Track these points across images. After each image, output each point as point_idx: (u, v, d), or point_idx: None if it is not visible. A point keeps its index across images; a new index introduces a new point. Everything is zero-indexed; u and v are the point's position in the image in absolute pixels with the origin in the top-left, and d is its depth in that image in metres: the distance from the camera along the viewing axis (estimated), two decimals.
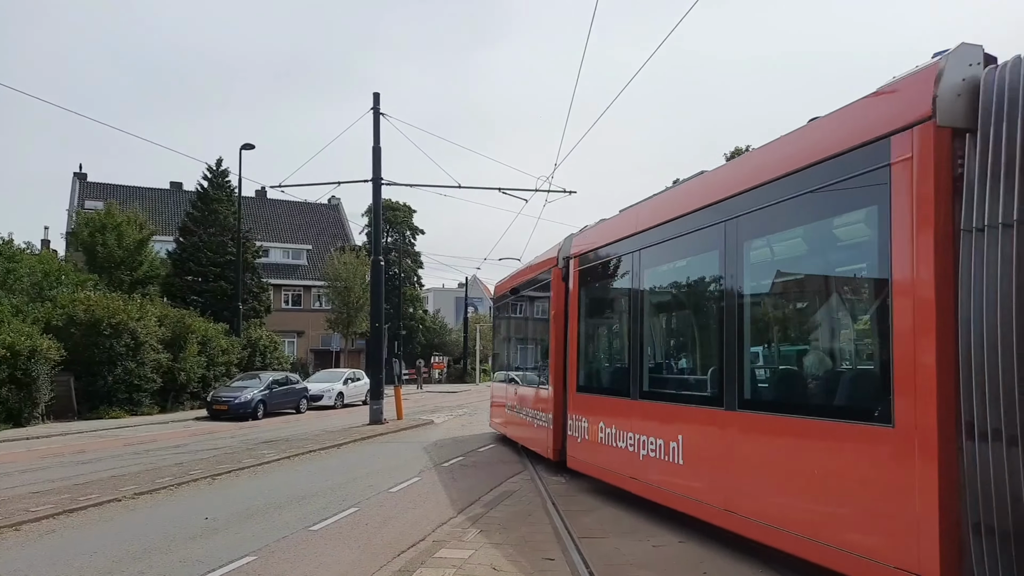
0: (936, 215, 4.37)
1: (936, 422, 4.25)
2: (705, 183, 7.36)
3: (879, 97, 5.04)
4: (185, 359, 25.19)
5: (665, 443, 7.39)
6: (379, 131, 20.85)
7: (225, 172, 35.98)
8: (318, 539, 7.27)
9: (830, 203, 5.41)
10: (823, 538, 5.05)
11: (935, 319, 4.34)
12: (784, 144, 6.02)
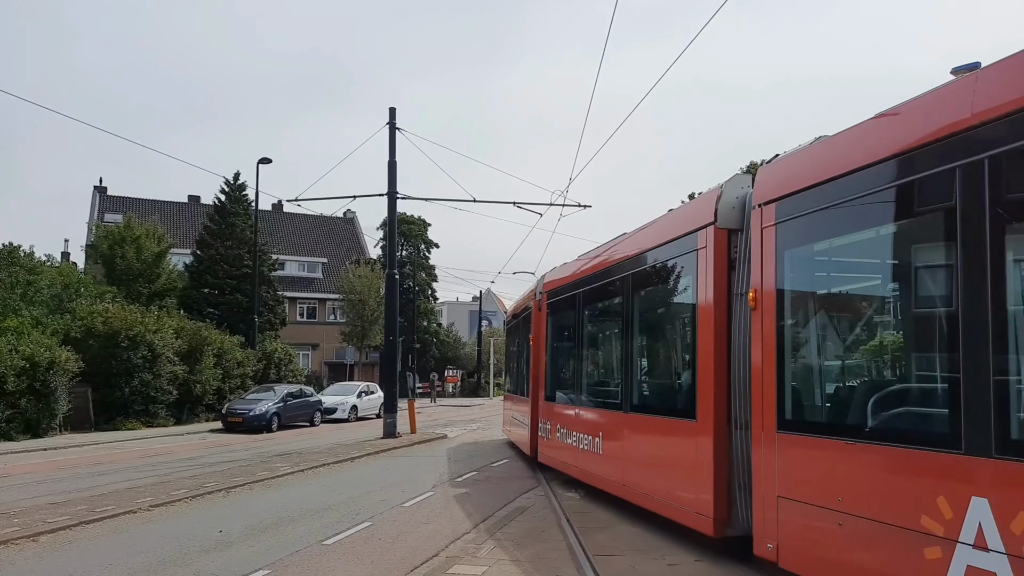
0: (717, 284, 6.89)
1: (716, 418, 6.75)
2: (611, 251, 10.30)
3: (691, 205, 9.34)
4: (201, 371, 25.38)
5: (592, 438, 10.10)
6: (395, 145, 21.01)
7: (243, 186, 36.38)
8: (331, 554, 7.26)
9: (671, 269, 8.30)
10: (666, 497, 7.72)
11: (714, 351, 6.86)
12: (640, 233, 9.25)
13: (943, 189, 4.36)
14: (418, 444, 19.00)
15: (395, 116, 21.09)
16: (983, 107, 4.04)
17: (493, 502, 10.10)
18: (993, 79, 4.18)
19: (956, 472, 4.08)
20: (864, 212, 5.10)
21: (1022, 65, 4.04)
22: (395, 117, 21.08)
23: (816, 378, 5.82)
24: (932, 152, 4.40)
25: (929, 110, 4.64)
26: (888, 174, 4.78)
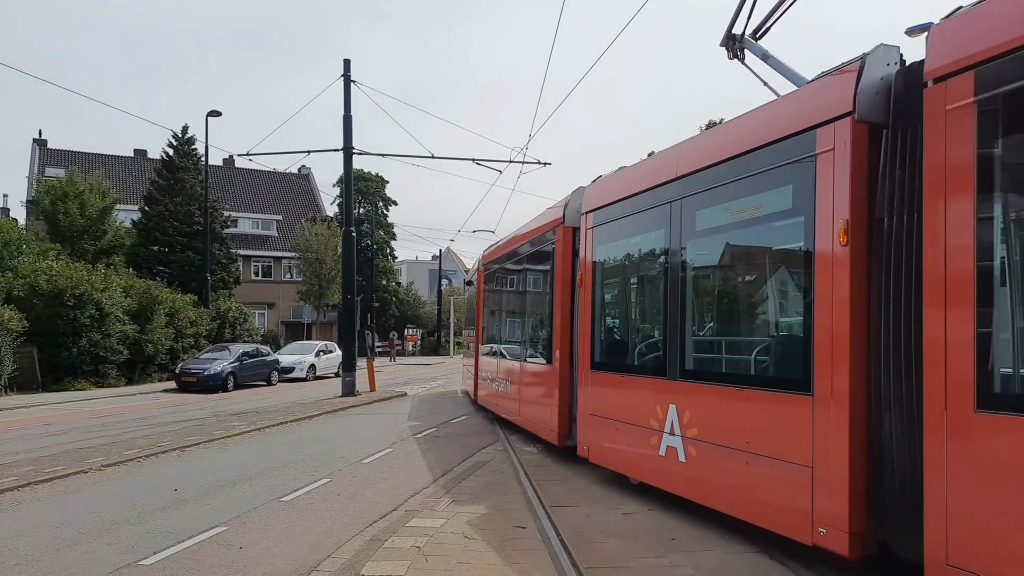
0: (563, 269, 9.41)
1: (569, 360, 9.24)
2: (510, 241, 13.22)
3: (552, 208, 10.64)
4: (152, 330, 24.79)
5: (504, 383, 13.14)
6: (350, 99, 20.46)
7: (191, 140, 35.10)
8: (289, 510, 7.26)
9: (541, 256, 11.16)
10: (537, 422, 10.56)
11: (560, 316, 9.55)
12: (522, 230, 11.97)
13: (662, 217, 6.97)
14: (377, 402, 18.99)
15: (350, 68, 20.49)
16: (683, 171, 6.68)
17: (452, 457, 10.20)
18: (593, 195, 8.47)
19: (663, 389, 6.80)
20: (629, 224, 7.77)
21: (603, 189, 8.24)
22: (350, 69, 20.48)
23: (608, 334, 8.62)
24: (657, 193, 7.13)
25: (658, 164, 7.39)
26: (640, 202, 7.47)
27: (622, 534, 6.11)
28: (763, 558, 5.39)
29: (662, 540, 5.90)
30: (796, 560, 5.23)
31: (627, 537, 6.01)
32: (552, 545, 5.77)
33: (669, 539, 5.92)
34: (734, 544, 5.74)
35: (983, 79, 3.95)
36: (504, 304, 14.56)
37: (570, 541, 5.80)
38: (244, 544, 6.07)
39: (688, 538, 5.94)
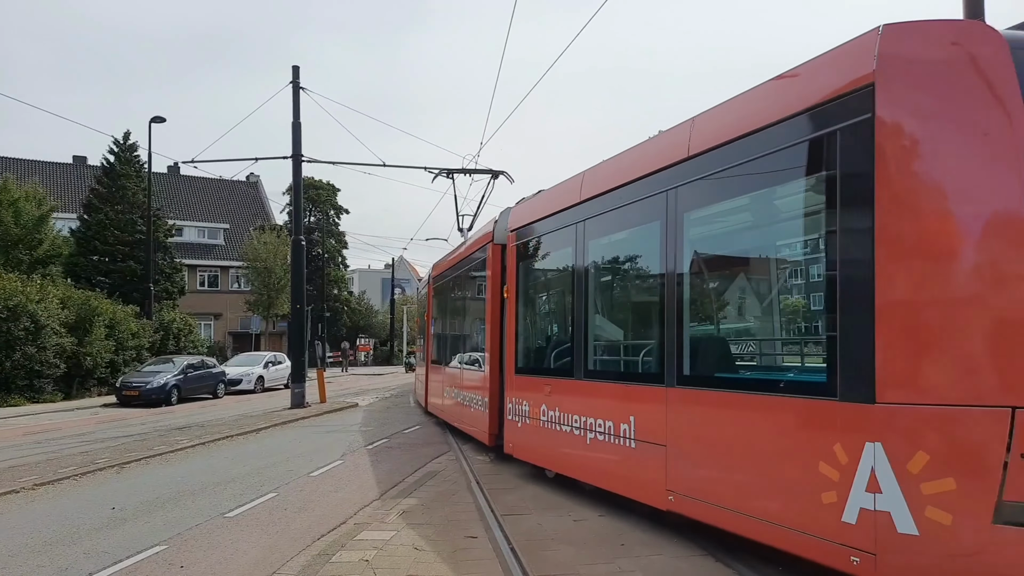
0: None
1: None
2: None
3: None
4: (91, 343, 23.91)
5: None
6: (299, 106, 20.20)
7: (134, 146, 34.06)
8: (233, 526, 7.05)
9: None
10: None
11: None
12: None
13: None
14: (328, 413, 18.68)
15: (299, 75, 20.25)
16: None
17: (404, 468, 10.08)
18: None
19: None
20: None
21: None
22: (299, 76, 20.24)
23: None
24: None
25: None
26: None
27: (573, 541, 6.12)
28: (709, 560, 5.47)
29: (612, 546, 5.93)
30: (740, 562, 5.32)
31: (578, 544, 6.02)
32: (503, 554, 5.75)
33: (619, 544, 5.96)
34: (681, 547, 5.81)
35: (521, 232, 9.29)
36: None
37: (521, 549, 5.79)
38: (185, 563, 5.87)
39: (637, 543, 5.98)
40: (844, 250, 4.48)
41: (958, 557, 3.96)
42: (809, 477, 4.55)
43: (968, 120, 4.18)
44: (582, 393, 7.65)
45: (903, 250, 4.21)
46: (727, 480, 5.38)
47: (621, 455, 6.72)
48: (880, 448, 4.15)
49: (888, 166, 4.25)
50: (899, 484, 4.08)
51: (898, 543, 4.07)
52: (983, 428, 3.90)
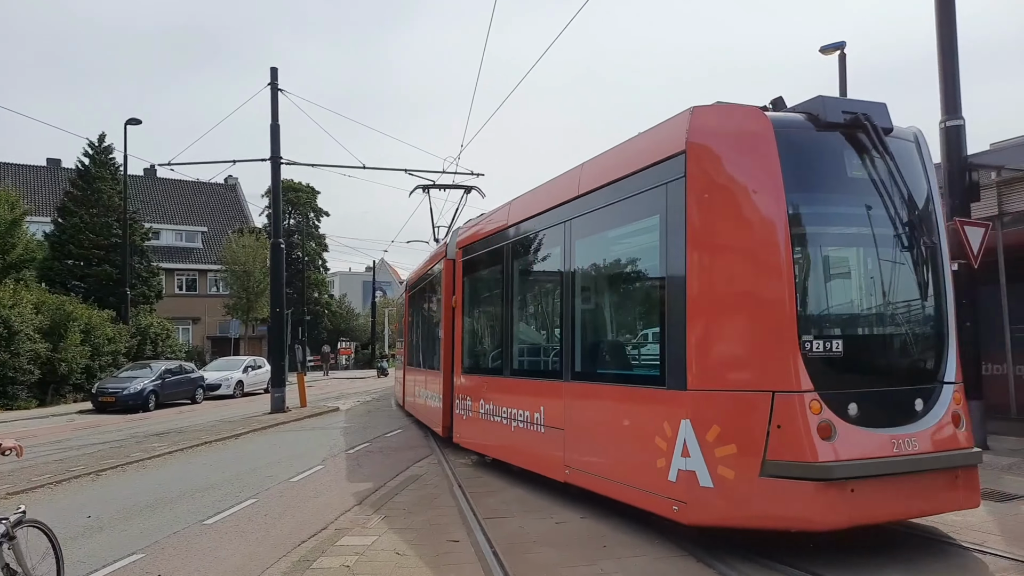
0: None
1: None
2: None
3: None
4: (66, 349, 23.54)
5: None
6: (277, 108, 20.04)
7: (109, 148, 33.61)
8: (212, 533, 6.97)
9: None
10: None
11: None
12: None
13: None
14: (309, 418, 18.54)
15: (277, 76, 20.09)
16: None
17: (385, 472, 10.02)
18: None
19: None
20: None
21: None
22: (277, 77, 20.08)
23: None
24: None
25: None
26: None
27: (555, 543, 6.12)
28: (691, 561, 5.49)
29: (594, 547, 5.94)
30: (721, 562, 5.35)
31: (560, 546, 6.03)
32: (485, 557, 5.73)
33: (601, 546, 5.96)
34: (662, 548, 5.83)
35: (466, 250, 10.86)
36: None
37: (504, 552, 5.78)
38: (163, 571, 5.79)
39: (619, 544, 6.00)
40: (671, 280, 5.90)
41: (738, 501, 5.29)
42: (649, 448, 5.92)
43: (744, 180, 5.55)
44: (508, 389, 9.22)
45: (703, 279, 5.62)
46: (600, 453, 6.88)
47: (535, 439, 8.18)
48: (689, 423, 5.54)
49: (693, 213, 5.65)
50: (701, 450, 5.46)
51: (700, 494, 5.44)
52: (754, 407, 5.24)
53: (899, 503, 5.21)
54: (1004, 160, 10.72)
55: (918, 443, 5.22)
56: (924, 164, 6.07)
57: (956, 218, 9.38)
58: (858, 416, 5.15)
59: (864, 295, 5.91)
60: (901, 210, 5.71)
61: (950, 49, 9.55)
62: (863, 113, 5.71)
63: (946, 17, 9.60)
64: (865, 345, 5.77)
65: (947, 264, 5.98)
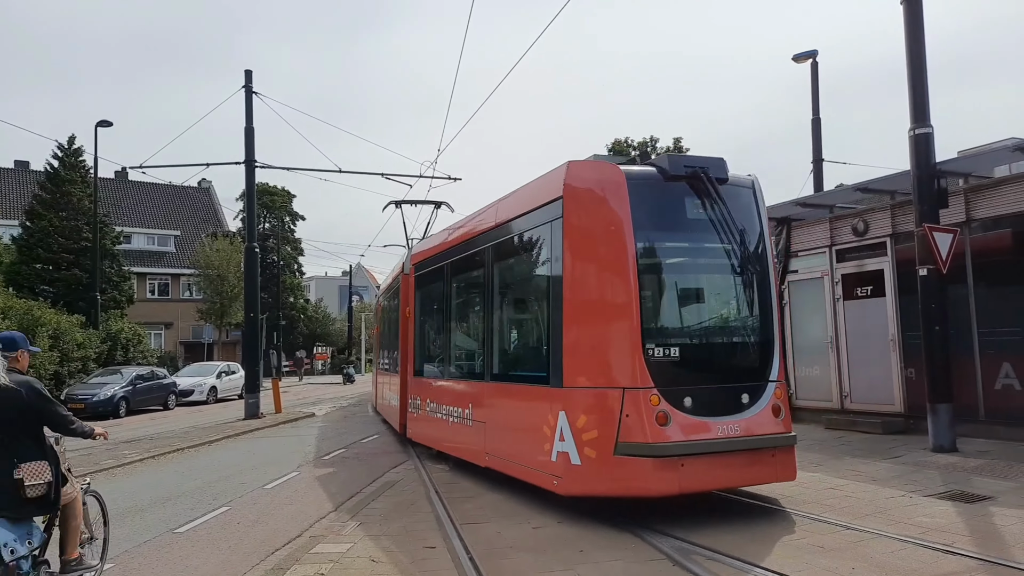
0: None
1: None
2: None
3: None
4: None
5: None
6: (252, 111, 19.85)
7: (79, 151, 32.99)
8: (184, 541, 6.86)
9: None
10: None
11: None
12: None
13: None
14: (283, 424, 18.34)
15: (251, 79, 19.90)
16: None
17: (361, 479, 9.94)
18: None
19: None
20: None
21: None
22: (251, 80, 19.89)
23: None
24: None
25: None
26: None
27: (532, 548, 6.11)
28: (667, 564, 5.51)
29: (571, 552, 5.93)
30: (697, 565, 5.38)
31: (537, 551, 6.01)
32: (462, 564, 5.71)
33: (578, 551, 5.96)
34: (640, 552, 5.85)
35: (417, 266, 12.40)
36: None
37: (480, 558, 5.75)
38: None
39: (595, 548, 6.00)
40: (553, 298, 7.29)
41: (598, 475, 6.64)
42: (540, 435, 7.24)
43: (602, 220, 6.90)
44: (446, 389, 10.64)
45: (573, 299, 7.00)
46: (509, 441, 8.30)
47: (465, 431, 9.51)
48: (564, 414, 6.91)
49: (567, 246, 7.04)
50: (572, 435, 6.82)
51: (572, 470, 6.82)
52: (610, 400, 6.58)
53: (722, 475, 6.65)
54: (971, 167, 10.95)
55: (740, 429, 6.59)
56: (757, 205, 7.45)
57: (925, 224, 9.55)
58: (691, 407, 6.52)
59: (698, 312, 7.35)
60: (733, 243, 7.12)
61: (918, 60, 9.75)
62: (701, 167, 7.10)
63: (914, 29, 9.80)
64: (698, 351, 7.05)
65: (774, 286, 7.36)
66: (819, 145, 17.57)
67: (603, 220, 6.93)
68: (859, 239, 12.21)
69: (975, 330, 10.37)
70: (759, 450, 6.68)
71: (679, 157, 7.52)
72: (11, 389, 4.44)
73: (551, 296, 7.31)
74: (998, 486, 7.45)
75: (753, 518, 6.73)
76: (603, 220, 6.93)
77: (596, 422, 6.65)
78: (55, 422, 4.75)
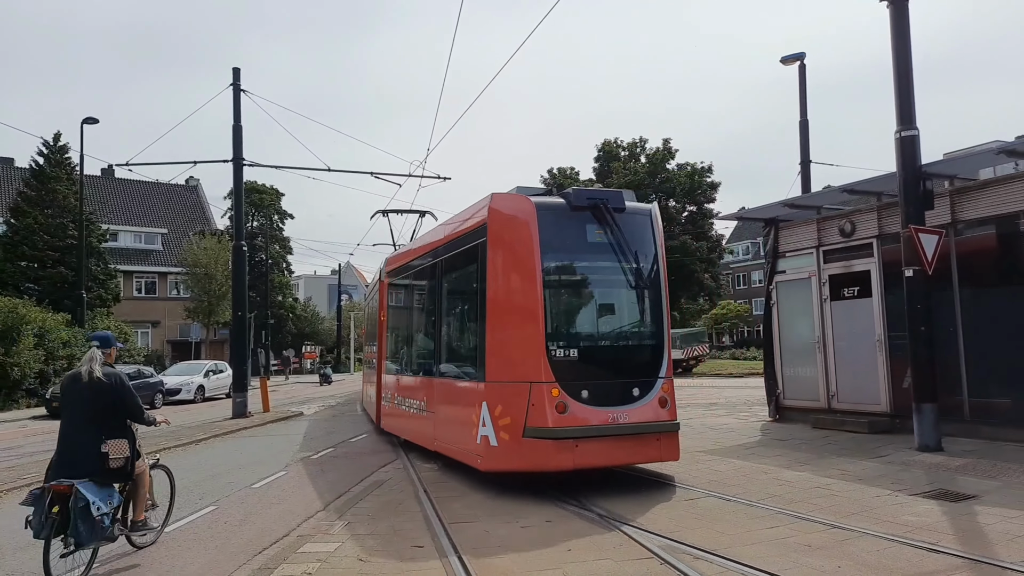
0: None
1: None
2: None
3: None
4: (18, 353, 22.86)
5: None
6: (239, 108, 19.74)
7: (64, 148, 32.76)
8: (170, 541, 6.80)
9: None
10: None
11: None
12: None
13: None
14: (271, 423, 18.25)
15: (239, 77, 19.79)
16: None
17: (350, 478, 9.90)
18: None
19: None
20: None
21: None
22: (239, 78, 19.78)
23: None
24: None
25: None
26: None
27: (520, 547, 6.11)
28: (655, 563, 5.53)
29: (559, 551, 5.94)
30: (687, 565, 5.40)
31: (525, 550, 6.01)
32: (450, 562, 5.70)
33: (566, 550, 5.97)
34: (627, 551, 5.86)
35: (390, 273, 14.13)
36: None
37: (468, 557, 5.75)
38: None
39: (582, 548, 6.01)
40: (480, 306, 8.59)
41: (511, 454, 7.97)
42: (470, 422, 8.59)
43: (516, 243, 8.23)
44: (408, 384, 12.01)
45: (493, 308, 8.34)
46: (449, 427, 9.72)
47: (420, 421, 10.93)
48: (486, 405, 8.26)
49: (489, 264, 8.41)
50: (491, 422, 8.15)
51: (491, 450, 8.18)
52: (520, 392, 7.87)
53: (612, 455, 7.97)
54: (957, 170, 11.05)
55: (629, 417, 7.88)
56: (652, 230, 8.69)
57: (911, 225, 9.63)
58: (588, 398, 7.82)
59: (595, 320, 8.65)
60: (628, 262, 8.42)
61: (904, 62, 9.83)
62: (602, 199, 8.43)
63: (900, 31, 9.88)
64: (594, 352, 8.35)
65: (665, 299, 8.64)
66: (807, 147, 17.66)
67: (516, 242, 8.25)
68: (846, 240, 12.30)
69: (960, 331, 10.47)
70: (646, 434, 8.01)
71: (584, 190, 8.76)
72: (104, 382, 5.72)
73: (479, 304, 8.63)
74: (983, 485, 7.53)
75: (740, 517, 6.76)
76: (516, 242, 8.25)
77: (509, 411, 7.96)
78: (132, 412, 5.89)
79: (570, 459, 7.62)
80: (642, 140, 50.82)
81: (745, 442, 11.46)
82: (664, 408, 8.10)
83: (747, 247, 78.44)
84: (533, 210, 8.11)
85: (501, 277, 8.34)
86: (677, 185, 47.90)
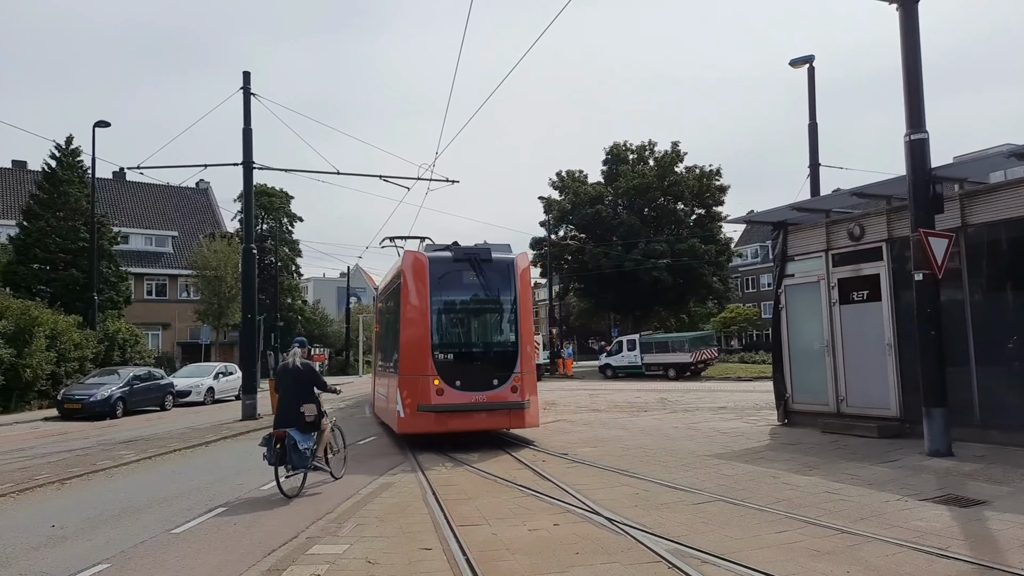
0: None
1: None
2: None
3: None
4: (31, 354, 23.02)
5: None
6: (250, 112, 19.88)
7: (76, 151, 32.98)
8: (180, 542, 6.86)
9: None
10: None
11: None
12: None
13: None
14: None
15: (250, 81, 19.93)
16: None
17: (358, 480, 9.93)
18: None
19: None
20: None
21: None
22: (250, 82, 19.92)
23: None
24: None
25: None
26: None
27: (528, 551, 6.12)
28: (663, 567, 5.53)
29: (567, 555, 5.95)
30: (693, 568, 5.40)
31: (533, 553, 6.03)
32: (458, 565, 5.72)
33: (574, 553, 5.98)
34: (635, 554, 5.87)
35: (376, 298, 23.38)
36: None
37: (477, 560, 5.77)
38: None
39: (591, 551, 6.02)
40: (398, 322, 12.89)
41: (412, 422, 12.33)
42: (395, 401, 12.78)
43: (417, 284, 12.53)
44: (388, 380, 14.64)
45: (404, 326, 12.61)
46: (388, 405, 14.00)
47: (393, 409, 13.24)
48: (400, 389, 12.55)
49: (402, 297, 12.69)
50: (401, 400, 12.48)
51: (401, 420, 12.56)
52: (417, 382, 12.23)
53: (473, 422, 12.22)
54: (967, 173, 11.00)
55: (486, 398, 12.13)
56: (512, 272, 12.79)
57: (921, 229, 9.59)
58: (460, 386, 12.03)
59: (467, 334, 13.05)
60: (492, 295, 12.79)
61: (914, 65, 9.80)
62: (474, 253, 12.71)
63: (910, 35, 9.85)
64: (465, 355, 12.61)
65: (520, 319, 12.62)
66: (816, 150, 17.63)
67: (417, 284, 12.51)
68: (855, 244, 12.26)
69: (971, 335, 10.41)
70: (498, 410, 12.25)
71: (463, 248, 12.90)
72: (301, 369, 9.22)
73: (399, 325, 12.75)
74: (993, 490, 7.49)
75: (748, 522, 6.76)
76: (417, 284, 12.51)
77: (411, 394, 12.26)
78: (319, 386, 9.34)
79: (444, 425, 12.03)
80: (651, 143, 50.76)
81: (754, 446, 11.44)
82: (515, 393, 12.22)
83: (756, 250, 78.10)
84: (427, 262, 12.51)
85: (408, 305, 12.50)
86: (686, 188, 47.82)
